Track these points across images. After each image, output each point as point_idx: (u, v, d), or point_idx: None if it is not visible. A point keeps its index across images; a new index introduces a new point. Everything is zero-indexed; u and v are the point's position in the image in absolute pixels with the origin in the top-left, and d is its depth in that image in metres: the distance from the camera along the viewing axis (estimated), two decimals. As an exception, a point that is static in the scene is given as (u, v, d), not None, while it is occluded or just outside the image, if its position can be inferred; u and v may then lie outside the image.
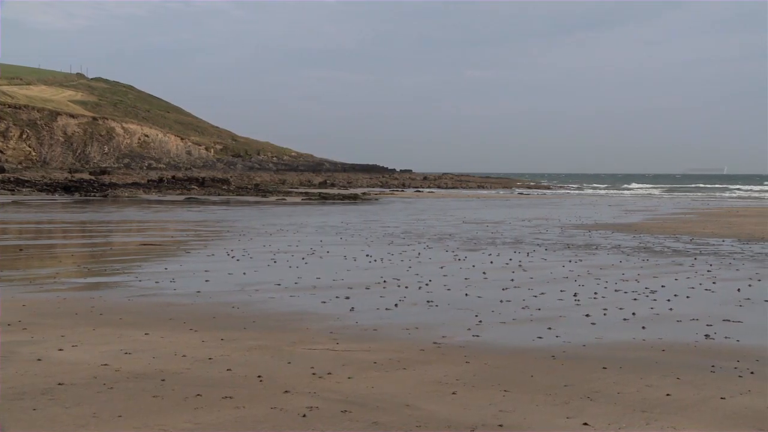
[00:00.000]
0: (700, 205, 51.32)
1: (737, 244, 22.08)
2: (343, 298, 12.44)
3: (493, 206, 48.22)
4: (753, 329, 10.09)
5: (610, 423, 6.23)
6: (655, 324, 10.40)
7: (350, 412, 6.44)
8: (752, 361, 8.34)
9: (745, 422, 6.28)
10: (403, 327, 10.13)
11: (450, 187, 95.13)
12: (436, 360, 8.34)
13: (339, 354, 8.55)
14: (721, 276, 15.25)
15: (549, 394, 7.03)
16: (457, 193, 76.59)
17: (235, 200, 52.40)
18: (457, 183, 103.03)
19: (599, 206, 49.03)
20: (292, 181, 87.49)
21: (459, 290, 13.29)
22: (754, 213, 40.01)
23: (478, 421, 6.26)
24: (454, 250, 20.03)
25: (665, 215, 38.45)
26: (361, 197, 57.52)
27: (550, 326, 10.21)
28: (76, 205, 43.08)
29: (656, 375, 7.73)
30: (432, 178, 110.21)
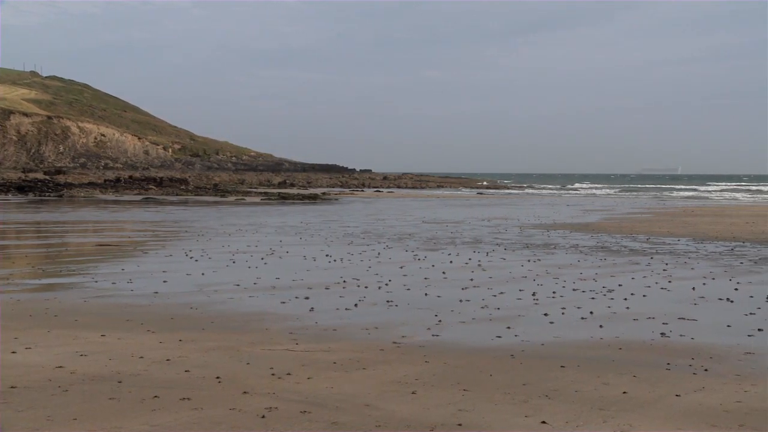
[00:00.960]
0: (656, 205, 52.03)
1: (692, 244, 22.42)
2: (302, 298, 12.39)
3: (452, 206, 48.41)
4: (707, 327, 10.25)
5: (568, 421, 6.28)
6: (612, 323, 10.52)
7: (309, 412, 6.41)
8: (706, 359, 8.46)
9: (699, 419, 6.37)
10: (363, 327, 10.12)
11: (410, 187, 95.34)
12: (396, 360, 8.34)
13: (298, 354, 8.51)
14: (676, 275, 15.46)
15: (508, 393, 7.07)
16: (416, 193, 76.77)
17: (194, 200, 51.96)
18: (416, 183, 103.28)
19: (557, 206, 49.48)
20: (251, 181, 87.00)
21: (419, 290, 13.32)
22: (707, 213, 40.66)
23: (438, 420, 6.27)
24: (414, 250, 20.07)
25: (622, 215, 38.92)
26: (321, 197, 57.38)
27: (509, 325, 10.27)
28: (30, 206, 42.39)
29: (613, 373, 7.81)
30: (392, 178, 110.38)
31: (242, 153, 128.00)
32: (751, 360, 8.46)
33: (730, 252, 19.99)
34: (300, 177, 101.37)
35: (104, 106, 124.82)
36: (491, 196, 70.53)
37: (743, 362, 8.34)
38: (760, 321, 10.66)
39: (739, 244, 22.09)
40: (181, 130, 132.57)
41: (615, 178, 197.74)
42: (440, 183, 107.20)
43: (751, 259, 18.35)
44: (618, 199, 65.25)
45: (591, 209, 45.36)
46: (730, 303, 12.17)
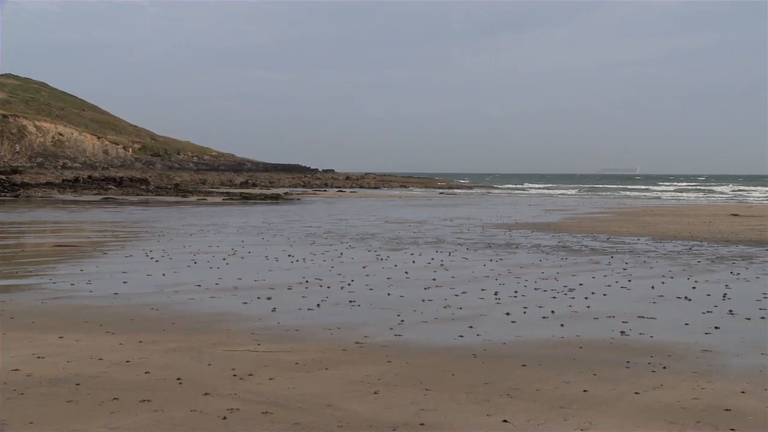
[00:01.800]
0: (616, 205, 52.60)
1: (651, 243, 22.70)
2: (264, 298, 12.33)
3: (415, 206, 48.51)
4: (666, 325, 10.38)
5: (529, 420, 6.32)
6: (573, 321, 10.61)
7: (271, 413, 6.38)
8: (665, 356, 8.58)
9: (658, 416, 6.45)
10: (326, 327, 10.10)
11: (372, 186, 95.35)
12: (359, 360, 8.33)
13: (260, 355, 8.47)
14: (636, 274, 15.65)
15: (470, 392, 7.10)
16: (379, 193, 76.81)
17: (155, 200, 51.47)
18: (379, 183, 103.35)
19: (519, 206, 49.81)
20: (212, 181, 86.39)
21: (381, 290, 13.32)
22: (666, 212, 41.21)
23: (400, 420, 6.27)
24: (377, 250, 20.08)
25: (583, 214, 39.29)
26: (284, 197, 57.15)
27: (471, 325, 10.31)
28: (-14, 205, 41.66)
29: (574, 372, 7.88)
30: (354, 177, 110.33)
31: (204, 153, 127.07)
32: (708, 357, 8.59)
33: (688, 251, 20.27)
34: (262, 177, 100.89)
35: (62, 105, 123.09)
36: (454, 196, 70.79)
37: (700, 360, 8.47)
38: (716, 319, 10.82)
39: (696, 244, 22.42)
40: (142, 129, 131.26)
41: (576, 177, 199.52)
42: (403, 183, 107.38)
43: (709, 258, 18.63)
44: (579, 199, 65.86)
45: (552, 209, 45.73)
46: (688, 301, 12.34)
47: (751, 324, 10.51)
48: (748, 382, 7.51)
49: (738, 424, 6.27)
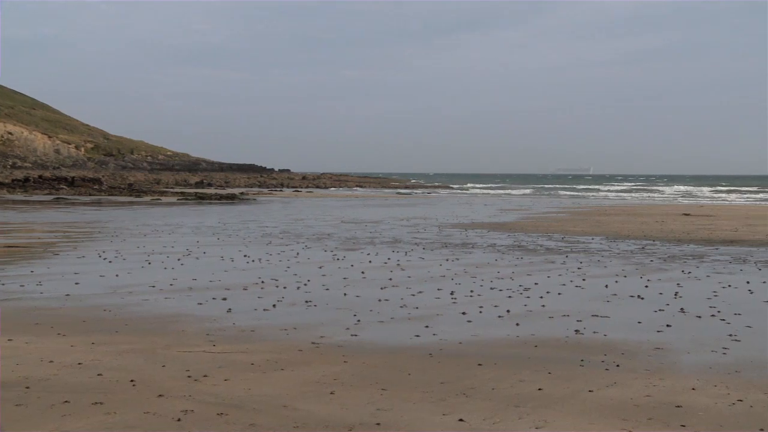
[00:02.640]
0: (571, 204, 53.13)
1: (605, 242, 22.97)
2: (220, 299, 12.23)
3: (371, 206, 48.52)
4: (619, 324, 10.51)
5: (485, 419, 6.35)
6: (528, 320, 10.69)
7: (227, 414, 6.33)
8: (618, 355, 8.68)
9: (611, 413, 6.53)
10: (281, 327, 10.04)
11: (329, 186, 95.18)
12: (315, 360, 8.30)
13: (215, 356, 8.40)
14: (590, 273, 15.82)
15: (426, 391, 7.11)
16: (335, 193, 76.70)
17: (108, 200, 50.78)
18: (335, 183, 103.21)
19: (475, 205, 50.08)
20: (167, 181, 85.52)
21: (338, 290, 13.30)
22: (620, 212, 41.73)
23: (356, 420, 6.26)
24: (333, 250, 20.04)
25: (538, 214, 39.63)
26: (239, 197, 56.78)
27: (427, 324, 10.33)
28: (-66, 206, 40.74)
29: (529, 370, 7.93)
30: (311, 177, 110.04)
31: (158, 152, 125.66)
32: (660, 355, 8.71)
33: (641, 250, 20.55)
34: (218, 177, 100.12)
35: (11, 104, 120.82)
36: (410, 196, 70.95)
37: (653, 357, 8.58)
38: (668, 317, 10.98)
39: (649, 243, 22.74)
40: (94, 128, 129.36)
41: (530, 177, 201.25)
42: (359, 183, 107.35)
43: (661, 257, 18.91)
44: (534, 199, 66.42)
45: (508, 209, 46.06)
46: (640, 300, 12.50)
47: (702, 322, 10.68)
48: (699, 379, 7.63)
49: (688, 420, 6.37)
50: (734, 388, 7.33)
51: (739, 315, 11.10)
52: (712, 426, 6.24)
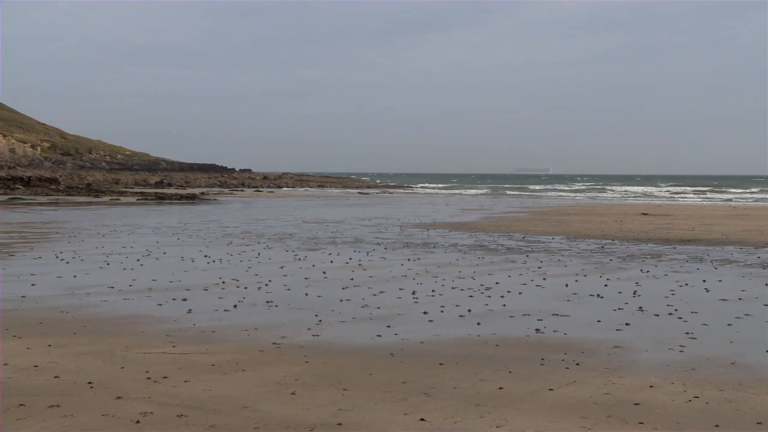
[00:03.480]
0: (531, 204, 53.52)
1: (565, 242, 23.17)
2: (180, 299, 12.12)
3: (333, 206, 48.44)
4: (579, 322, 10.60)
5: (446, 418, 6.37)
6: (489, 320, 10.74)
7: (186, 416, 6.27)
8: (578, 353, 8.76)
9: (571, 411, 6.58)
10: (242, 328, 9.98)
11: (290, 186, 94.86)
12: (276, 360, 8.26)
13: (175, 357, 8.32)
14: (550, 272, 15.94)
15: (387, 391, 7.11)
16: (297, 193, 76.47)
17: (65, 200, 50.07)
18: (297, 183, 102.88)
19: (437, 205, 50.23)
20: (126, 181, 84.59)
21: (299, 290, 13.25)
22: (580, 211, 42.13)
23: (317, 420, 6.24)
24: (295, 250, 19.97)
25: (499, 214, 39.86)
26: (200, 197, 56.34)
27: (389, 324, 10.34)
28: None
29: (490, 369, 7.97)
30: (272, 177, 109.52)
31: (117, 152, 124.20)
32: (619, 353, 8.80)
33: (600, 249, 20.77)
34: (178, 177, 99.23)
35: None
36: (372, 196, 70.96)
37: (612, 356, 8.67)
38: (627, 316, 11.11)
39: (608, 242, 22.98)
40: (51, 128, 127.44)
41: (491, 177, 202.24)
42: (321, 183, 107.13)
43: (620, 256, 19.12)
44: (495, 198, 66.77)
45: (469, 208, 46.26)
46: (600, 299, 12.63)
47: (660, 320, 10.82)
48: (657, 377, 7.73)
49: (646, 417, 6.44)
50: (690, 385, 7.43)
51: (695, 313, 11.26)
52: (669, 423, 6.33)
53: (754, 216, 37.33)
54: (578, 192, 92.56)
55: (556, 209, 45.80)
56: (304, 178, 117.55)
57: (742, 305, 12.01)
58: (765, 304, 12.14)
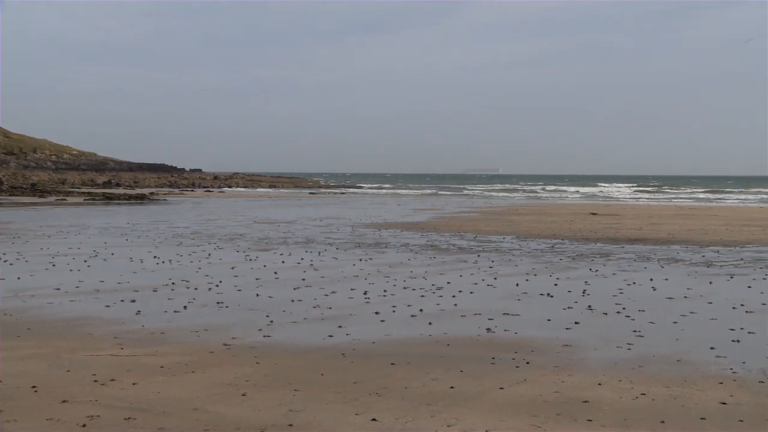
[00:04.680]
0: (482, 204, 53.84)
1: (516, 241, 23.37)
2: (128, 301, 11.95)
3: (285, 206, 48.21)
4: (529, 322, 10.69)
5: (398, 418, 6.37)
6: (440, 319, 10.78)
7: (134, 419, 6.18)
8: (528, 352, 8.83)
9: (521, 409, 6.63)
10: (192, 329, 9.88)
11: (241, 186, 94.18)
12: (226, 362, 8.19)
13: (123, 359, 8.20)
14: (501, 272, 16.06)
15: (338, 391, 7.09)
16: (248, 193, 75.96)
17: (9, 201, 49.08)
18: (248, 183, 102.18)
19: (388, 205, 50.29)
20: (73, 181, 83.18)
21: (250, 290, 13.16)
22: (530, 211, 42.53)
23: (268, 421, 6.20)
24: (246, 251, 19.83)
25: (451, 214, 40.04)
26: (149, 197, 55.66)
27: (340, 324, 10.31)
28: None
29: (441, 369, 8.00)
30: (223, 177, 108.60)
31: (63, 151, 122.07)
32: (569, 352, 8.90)
33: (550, 249, 20.99)
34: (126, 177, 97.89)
35: None
36: (324, 196, 70.79)
37: (561, 354, 8.76)
38: (577, 315, 11.24)
39: (558, 242, 23.24)
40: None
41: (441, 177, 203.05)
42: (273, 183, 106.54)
43: (570, 255, 19.34)
44: (446, 198, 67.03)
45: (421, 208, 46.39)
46: (550, 298, 12.76)
47: (608, 318, 10.97)
48: (605, 375, 7.83)
49: (595, 415, 6.52)
50: (638, 382, 7.54)
51: (642, 311, 11.44)
52: (617, 420, 6.41)
53: (699, 216, 38.06)
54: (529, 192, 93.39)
55: (506, 209, 46.16)
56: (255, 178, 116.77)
57: (688, 303, 12.23)
58: (709, 302, 12.38)
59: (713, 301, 12.46)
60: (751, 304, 12.16)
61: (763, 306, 12.00)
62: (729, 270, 16.51)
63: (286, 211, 41.31)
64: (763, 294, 13.16)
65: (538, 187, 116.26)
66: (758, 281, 14.75)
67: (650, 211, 44.08)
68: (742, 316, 11.18)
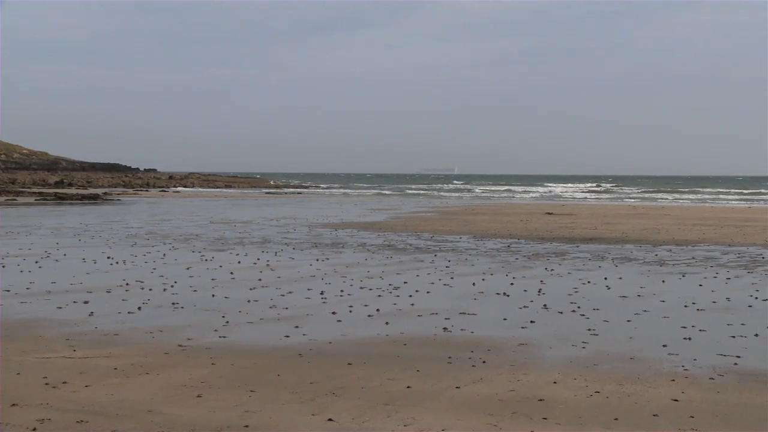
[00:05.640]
0: (439, 204, 54.05)
1: (473, 241, 23.49)
2: (81, 302, 11.78)
3: (241, 206, 47.90)
4: (486, 321, 10.76)
5: (354, 418, 6.36)
6: (397, 319, 10.79)
7: (87, 422, 6.09)
8: (484, 351, 8.88)
9: (478, 408, 6.66)
10: (147, 330, 9.76)
11: (197, 186, 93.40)
12: (181, 363, 8.11)
13: (76, 362, 8.07)
14: (458, 271, 16.13)
15: (295, 392, 7.06)
16: (204, 193, 75.36)
17: (-41, 200, 48.06)
18: (204, 182, 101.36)
19: (345, 205, 50.24)
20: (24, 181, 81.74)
21: (206, 291, 13.05)
22: (487, 211, 42.79)
23: (224, 423, 6.15)
24: (201, 251, 19.66)
25: (407, 213, 40.12)
26: (103, 197, 54.90)
27: (297, 325, 10.28)
28: None
29: (398, 368, 8.01)
30: (178, 177, 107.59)
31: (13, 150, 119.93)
32: (525, 351, 8.97)
33: (506, 249, 21.13)
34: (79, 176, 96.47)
35: None
36: (281, 196, 70.49)
37: (517, 353, 8.83)
38: (532, 313, 11.33)
39: (514, 241, 23.41)
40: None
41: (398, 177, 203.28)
42: (229, 183, 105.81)
43: (525, 255, 19.50)
44: (403, 198, 67.15)
45: (377, 208, 46.42)
46: (506, 297, 12.84)
47: (564, 317, 11.08)
48: (560, 373, 7.90)
49: (550, 413, 6.57)
50: (592, 380, 7.63)
51: (597, 310, 11.57)
52: (572, 417, 6.47)
53: (652, 215, 38.64)
54: (485, 192, 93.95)
55: (463, 209, 46.39)
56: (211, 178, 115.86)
57: (641, 302, 12.40)
58: (662, 300, 12.56)
59: (666, 299, 12.66)
60: (702, 302, 12.37)
61: (714, 304, 12.21)
62: (681, 269, 16.78)
63: (243, 211, 41.06)
64: (713, 292, 13.39)
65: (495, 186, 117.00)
66: (709, 280, 15.01)
67: (605, 210, 44.63)
68: (693, 314, 11.37)
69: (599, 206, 52.87)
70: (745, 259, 18.65)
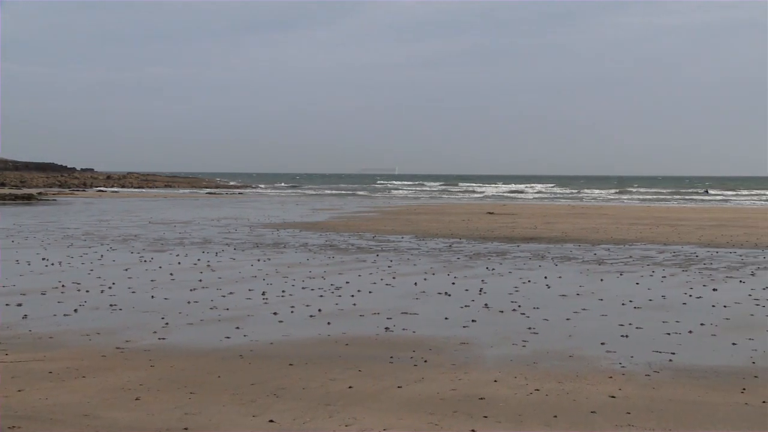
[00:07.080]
0: (382, 204, 54.13)
1: (414, 241, 23.57)
2: (14, 305, 11.49)
3: (181, 206, 47.33)
4: (427, 320, 10.80)
5: (295, 418, 6.32)
6: (339, 319, 10.77)
7: (19, 427, 5.94)
8: (426, 350, 8.91)
9: (419, 408, 6.68)
10: (83, 333, 9.58)
11: (136, 186, 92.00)
12: (119, 365, 7.97)
13: (8, 366, 7.87)
14: (400, 271, 16.17)
15: (236, 393, 7.00)
16: (143, 193, 74.27)
17: None
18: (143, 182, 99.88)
19: (287, 205, 49.99)
20: (-45, 180, 79.57)
21: (145, 292, 12.85)
22: (428, 211, 42.98)
23: (163, 425, 6.06)
24: (140, 252, 19.36)
25: (349, 213, 40.10)
26: (37, 197, 53.71)
27: (238, 326, 10.18)
28: None
29: (340, 368, 7.99)
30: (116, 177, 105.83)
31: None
32: (466, 350, 9.02)
33: (448, 248, 21.26)
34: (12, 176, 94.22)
35: None
36: (222, 196, 69.82)
37: (458, 352, 8.88)
38: (474, 313, 11.41)
39: (456, 241, 23.56)
40: None
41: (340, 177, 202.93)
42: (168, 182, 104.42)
43: (467, 254, 19.64)
44: (345, 198, 67.08)
45: (319, 208, 46.31)
46: (448, 297, 12.91)
47: (504, 316, 11.18)
48: (500, 371, 7.97)
49: (490, 411, 6.63)
50: (532, 378, 7.71)
51: (537, 309, 11.71)
52: (512, 415, 6.53)
53: (590, 215, 39.26)
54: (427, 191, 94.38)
55: (405, 209, 46.53)
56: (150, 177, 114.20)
57: (580, 300, 12.59)
58: (600, 299, 12.77)
59: (604, 297, 12.87)
60: (638, 300, 12.61)
61: (650, 302, 12.46)
62: (619, 267, 17.08)
63: (183, 212, 40.56)
64: (650, 290, 13.66)
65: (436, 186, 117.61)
66: (645, 278, 15.31)
67: (545, 210, 45.21)
68: (630, 311, 11.58)
69: (540, 206, 53.53)
70: (680, 258, 19.07)
